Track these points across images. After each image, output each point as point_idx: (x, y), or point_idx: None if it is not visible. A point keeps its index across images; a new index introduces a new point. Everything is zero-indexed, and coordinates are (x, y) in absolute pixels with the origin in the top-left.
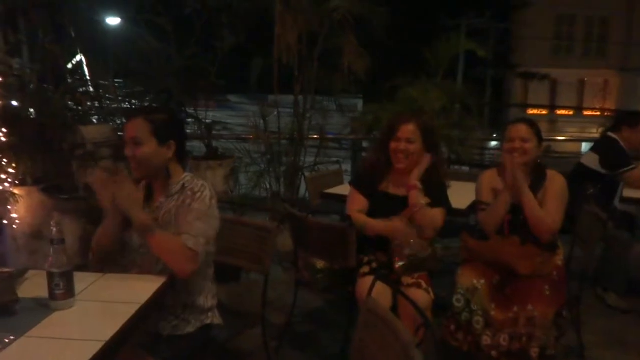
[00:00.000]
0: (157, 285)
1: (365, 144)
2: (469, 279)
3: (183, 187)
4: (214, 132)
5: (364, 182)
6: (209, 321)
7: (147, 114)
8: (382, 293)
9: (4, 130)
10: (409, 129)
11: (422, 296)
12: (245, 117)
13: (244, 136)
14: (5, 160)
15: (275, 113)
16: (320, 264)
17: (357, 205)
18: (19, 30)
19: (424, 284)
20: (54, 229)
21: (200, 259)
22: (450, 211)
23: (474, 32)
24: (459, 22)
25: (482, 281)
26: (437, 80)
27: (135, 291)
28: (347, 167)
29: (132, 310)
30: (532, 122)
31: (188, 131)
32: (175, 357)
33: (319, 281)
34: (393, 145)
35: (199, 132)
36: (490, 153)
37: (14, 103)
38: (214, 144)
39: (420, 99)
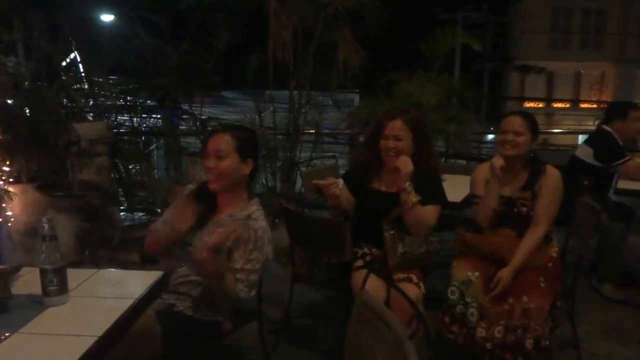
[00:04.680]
0: (152, 280)
1: (362, 139)
2: (464, 272)
3: (249, 217)
4: (209, 128)
5: (353, 179)
6: (219, 318)
7: (233, 131)
8: (376, 287)
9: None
10: (396, 126)
11: (412, 290)
12: (241, 113)
13: None
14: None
15: (271, 108)
16: (316, 258)
17: (343, 199)
18: (14, 28)
19: (414, 279)
20: (46, 226)
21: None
22: (446, 205)
23: (470, 26)
24: (455, 15)
25: (477, 273)
26: (434, 75)
27: (129, 286)
28: (343, 161)
29: (125, 305)
30: (527, 115)
31: (183, 127)
32: (177, 333)
33: (316, 275)
34: (382, 143)
35: (194, 128)
36: (487, 146)
37: (9, 101)
38: None
39: (417, 94)
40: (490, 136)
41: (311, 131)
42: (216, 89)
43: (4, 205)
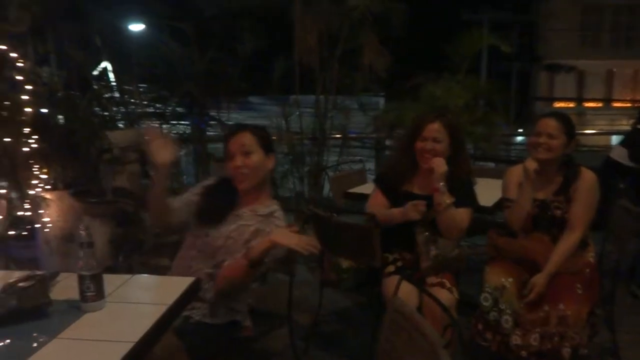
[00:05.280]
0: (184, 286)
1: (388, 142)
2: (497, 277)
3: (271, 214)
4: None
5: (387, 181)
6: (238, 317)
7: (251, 128)
8: (408, 293)
9: (34, 137)
10: (435, 128)
11: (445, 296)
12: (267, 118)
13: None
14: (36, 166)
15: (297, 113)
16: (345, 263)
17: (377, 203)
18: (47, 40)
19: (447, 284)
20: (84, 233)
21: None
22: (478, 209)
23: (497, 26)
24: (481, 16)
25: (511, 279)
26: (460, 77)
27: (162, 292)
28: (370, 165)
29: (160, 311)
30: (563, 117)
31: (211, 133)
32: (200, 344)
33: (345, 281)
34: (419, 145)
35: (222, 134)
36: (516, 148)
37: (44, 110)
38: None
39: (444, 97)
40: (519, 138)
41: (338, 135)
42: (242, 95)
43: (41, 211)
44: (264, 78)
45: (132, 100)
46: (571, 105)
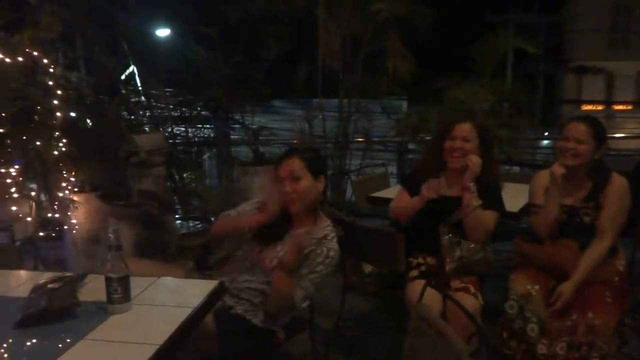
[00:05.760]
0: (209, 289)
1: (411, 146)
2: (523, 285)
3: (325, 238)
4: (260, 138)
5: (413, 182)
6: (275, 328)
7: (300, 153)
8: (432, 298)
9: (64, 140)
10: (465, 128)
11: (470, 301)
12: (290, 122)
13: (289, 141)
14: (66, 168)
15: (320, 117)
16: (368, 268)
17: (403, 203)
18: (76, 45)
19: (472, 289)
20: (112, 236)
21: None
22: (504, 214)
23: (523, 27)
24: (507, 17)
25: (537, 287)
26: (486, 80)
27: (187, 295)
28: (392, 169)
29: (184, 314)
30: (592, 121)
31: (235, 137)
32: (233, 338)
33: (367, 285)
34: (448, 144)
35: (246, 137)
36: (542, 152)
37: (73, 115)
38: (260, 149)
39: (469, 100)
40: (545, 142)
41: (360, 139)
42: (267, 99)
43: (69, 213)
44: (288, 82)
45: (158, 105)
46: (599, 108)
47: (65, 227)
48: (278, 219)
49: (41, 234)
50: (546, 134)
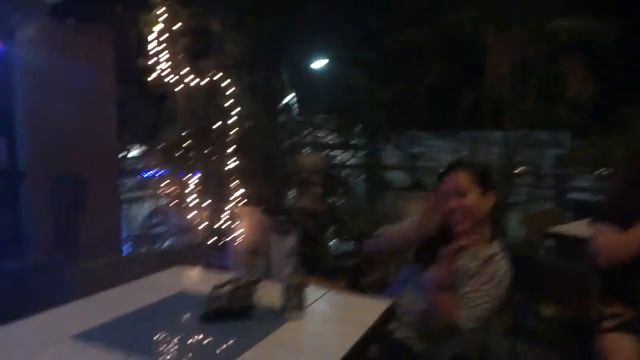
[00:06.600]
0: (381, 308)
1: (581, 182)
2: None
3: (492, 257)
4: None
5: (616, 215)
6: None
7: (467, 166)
8: (629, 353)
9: (237, 156)
10: None
11: None
12: (451, 151)
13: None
14: (236, 182)
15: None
16: (547, 311)
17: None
18: (252, 70)
19: None
20: (292, 245)
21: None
22: None
23: None
24: None
25: None
26: None
27: (360, 312)
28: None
29: (359, 332)
30: None
31: (390, 162)
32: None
33: (543, 332)
34: None
35: (403, 163)
36: None
37: (244, 134)
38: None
39: None
40: None
41: (523, 172)
42: (429, 127)
43: (235, 224)
44: (449, 108)
45: (317, 129)
46: None
47: (230, 237)
48: (440, 238)
49: (210, 242)
50: None
